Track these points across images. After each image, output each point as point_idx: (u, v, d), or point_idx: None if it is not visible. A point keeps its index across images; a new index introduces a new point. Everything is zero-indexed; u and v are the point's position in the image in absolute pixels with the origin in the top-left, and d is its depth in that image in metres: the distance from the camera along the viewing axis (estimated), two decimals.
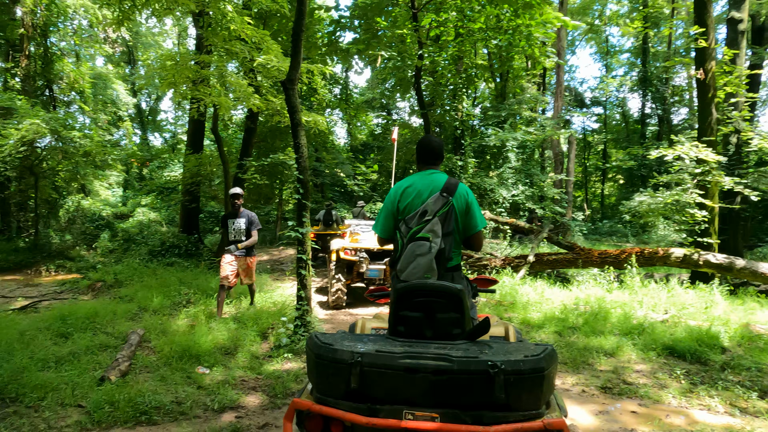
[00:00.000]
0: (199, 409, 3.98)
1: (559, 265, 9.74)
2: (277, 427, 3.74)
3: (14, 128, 11.89)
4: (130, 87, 31.01)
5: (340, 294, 8.27)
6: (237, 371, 4.88)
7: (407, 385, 1.82)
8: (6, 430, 3.36)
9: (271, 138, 15.19)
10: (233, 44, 6.87)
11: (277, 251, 16.63)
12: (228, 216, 6.82)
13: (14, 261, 13.03)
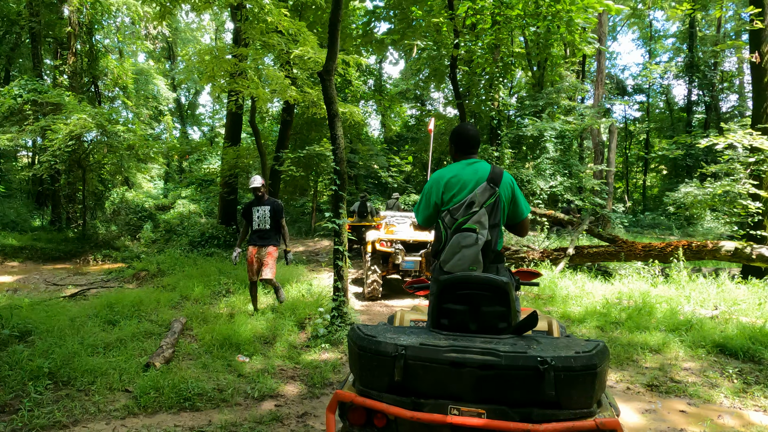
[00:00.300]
0: (239, 396, 4.05)
1: (600, 258, 9.46)
2: (316, 416, 3.76)
3: (63, 123, 12.38)
4: (170, 82, 31.87)
5: (376, 285, 8.28)
6: (275, 360, 4.95)
7: (452, 379, 1.78)
8: (59, 412, 3.50)
9: (306, 130, 15.31)
10: (270, 36, 6.91)
11: (312, 242, 16.81)
12: (252, 204, 6.32)
13: (64, 250, 13.64)
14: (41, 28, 17.46)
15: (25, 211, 18.30)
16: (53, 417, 3.43)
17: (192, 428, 3.43)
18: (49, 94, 13.82)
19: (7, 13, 18.73)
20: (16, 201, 19.87)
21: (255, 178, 6.21)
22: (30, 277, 10.63)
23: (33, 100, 13.67)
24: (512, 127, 18.95)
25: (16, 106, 13.57)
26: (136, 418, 3.57)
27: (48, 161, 13.06)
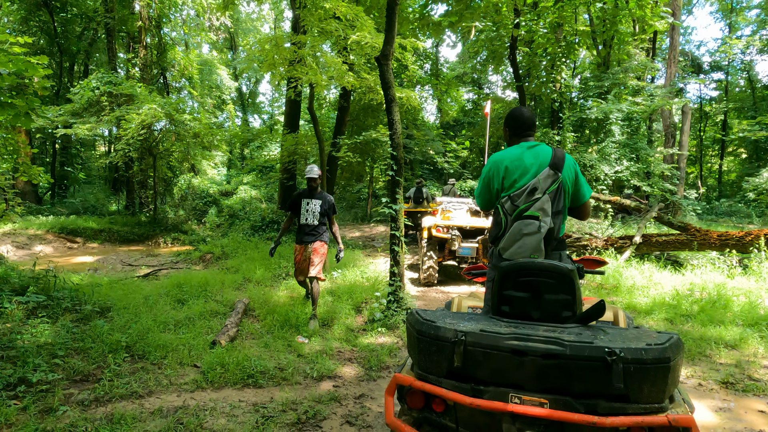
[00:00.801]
0: (299, 375, 4.18)
1: (670, 247, 8.94)
2: (373, 398, 3.82)
3: (135, 113, 13.11)
4: (232, 72, 32.95)
5: (432, 271, 8.25)
6: (333, 342, 5.06)
7: (514, 367, 1.74)
8: (136, 384, 3.76)
9: (363, 116, 15.39)
10: (328, 23, 6.96)
11: (368, 228, 16.98)
12: (302, 195, 5.71)
13: (138, 233, 14.55)
14: (115, 23, 18.49)
15: (103, 197, 19.63)
16: (130, 387, 3.69)
17: (255, 404, 3.58)
18: (123, 86, 14.66)
19: (84, 11, 19.96)
20: (95, 187, 21.37)
21: (312, 168, 5.63)
22: (108, 257, 11.42)
23: (109, 92, 14.56)
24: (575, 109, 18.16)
25: (94, 98, 14.50)
26: (204, 392, 3.77)
27: (122, 149, 13.92)
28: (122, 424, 3.11)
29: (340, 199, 21.73)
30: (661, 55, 23.18)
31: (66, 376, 3.83)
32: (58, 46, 19.17)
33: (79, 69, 22.53)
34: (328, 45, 10.54)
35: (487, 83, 28.26)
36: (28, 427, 2.97)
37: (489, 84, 28.42)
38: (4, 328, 4.38)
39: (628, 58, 19.36)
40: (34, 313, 5.01)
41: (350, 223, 18.57)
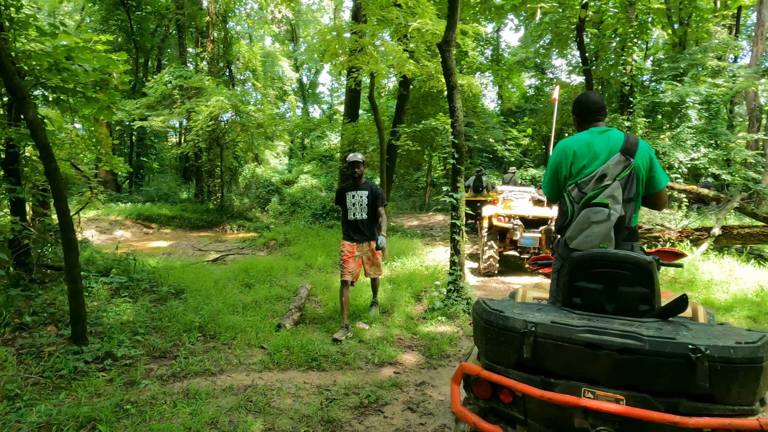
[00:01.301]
0: (361, 361, 4.25)
1: (754, 240, 8.29)
2: (434, 386, 3.83)
3: (204, 105, 13.72)
4: (293, 63, 33.66)
5: (492, 261, 8.12)
6: (394, 330, 5.11)
7: (587, 361, 1.68)
8: (208, 362, 3.97)
9: (422, 104, 15.28)
10: (389, 11, 6.93)
11: (426, 216, 16.92)
12: (346, 189, 5.17)
13: (206, 220, 15.29)
14: (185, 19, 19.35)
15: (175, 185, 20.75)
16: (204, 365, 3.90)
17: (319, 386, 3.69)
18: (193, 80, 15.37)
19: (158, 8, 21.03)
20: (167, 176, 22.61)
21: (355, 154, 5.11)
22: (180, 242, 12.09)
23: (180, 85, 15.31)
24: (647, 93, 17.12)
25: (166, 91, 15.31)
26: (271, 373, 3.92)
27: (192, 140, 14.63)
28: (197, 399, 3.30)
29: (399, 187, 21.76)
30: (746, 33, 21.34)
31: (146, 352, 4.11)
32: (134, 42, 20.34)
33: (153, 64, 23.82)
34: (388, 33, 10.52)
35: (551, 68, 27.20)
36: (115, 397, 3.21)
37: (553, 69, 27.35)
38: (92, 307, 4.75)
39: (708, 36, 17.98)
40: (117, 293, 5.40)
41: (408, 212, 18.58)
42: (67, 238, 3.78)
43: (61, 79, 5.03)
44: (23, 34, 5.03)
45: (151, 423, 2.94)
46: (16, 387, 3.20)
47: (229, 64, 22.34)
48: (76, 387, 3.33)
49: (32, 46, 4.98)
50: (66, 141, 6.41)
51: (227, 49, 21.02)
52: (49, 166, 3.68)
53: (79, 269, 3.84)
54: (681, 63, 16.79)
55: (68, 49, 4.94)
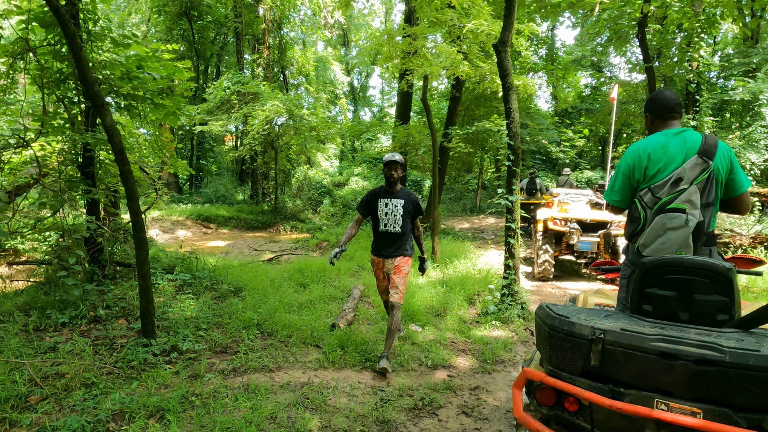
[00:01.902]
0: (414, 363, 4.25)
1: None
2: (488, 391, 3.77)
3: (260, 110, 14.17)
4: (344, 67, 34.15)
5: (548, 266, 7.91)
6: (447, 333, 5.07)
7: (660, 371, 1.61)
8: (266, 358, 4.09)
9: (475, 106, 15.10)
10: (443, 12, 6.91)
11: (477, 219, 16.71)
12: (378, 194, 4.33)
13: (261, 221, 15.76)
14: (243, 27, 20.07)
15: (231, 187, 21.53)
16: (262, 361, 4.02)
17: (373, 386, 3.71)
18: (249, 85, 15.91)
19: (217, 18, 21.92)
20: (225, 178, 23.50)
21: (393, 153, 4.24)
22: (236, 242, 12.52)
23: (237, 90, 15.88)
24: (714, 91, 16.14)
25: (225, 97, 15.92)
26: (326, 371, 3.99)
27: (248, 143, 15.13)
28: (256, 394, 3.40)
29: (449, 189, 21.60)
30: None
31: (209, 347, 4.28)
32: (196, 51, 21.29)
33: (213, 71, 24.84)
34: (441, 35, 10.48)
35: (609, 66, 26.17)
36: (181, 389, 3.36)
37: (611, 67, 26.30)
38: (159, 302, 5.00)
39: None
40: (181, 289, 5.66)
41: (459, 215, 18.41)
42: (138, 237, 4.01)
43: (132, 87, 5.35)
44: (99, 46, 5.38)
45: (215, 415, 3.06)
46: (93, 375, 3.41)
47: (283, 69, 22.97)
48: (146, 378, 3.51)
49: (107, 56, 5.32)
50: (135, 145, 6.80)
51: (282, 54, 21.61)
52: (124, 169, 3.91)
53: (148, 266, 4.05)
54: (753, 58, 15.71)
55: (139, 58, 5.24)
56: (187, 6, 19.87)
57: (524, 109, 17.84)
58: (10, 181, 5.19)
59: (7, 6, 5.11)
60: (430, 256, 8.38)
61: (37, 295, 4.79)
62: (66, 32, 3.52)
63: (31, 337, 3.97)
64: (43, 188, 5.32)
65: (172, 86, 6.12)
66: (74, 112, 5.36)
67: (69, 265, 4.69)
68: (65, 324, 4.33)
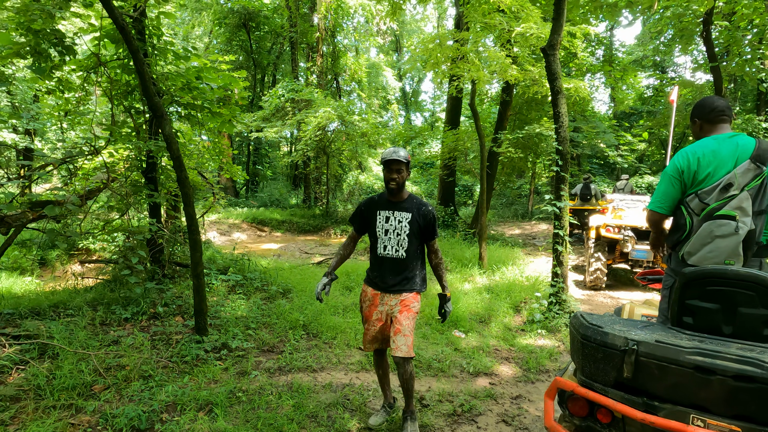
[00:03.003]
0: (455, 369, 4.25)
1: None
2: (531, 401, 3.72)
3: (313, 116, 14.55)
4: (396, 72, 34.39)
5: (599, 274, 7.65)
6: (490, 340, 5.03)
7: (696, 386, 1.56)
8: (311, 359, 4.22)
9: (526, 110, 14.83)
10: (492, 17, 6.87)
11: (529, 225, 16.36)
12: (375, 205, 3.15)
13: (312, 225, 16.13)
14: (297, 36, 20.69)
15: (285, 191, 22.16)
16: (306, 362, 4.15)
17: (415, 390, 3.74)
18: (303, 93, 16.37)
19: (274, 28, 22.72)
20: (279, 183, 24.21)
21: (396, 149, 2.98)
22: (288, 245, 12.88)
23: (292, 98, 16.38)
24: None
25: (280, 104, 16.46)
26: (368, 374, 4.06)
27: (302, 149, 15.55)
28: (300, 393, 3.52)
29: (500, 195, 21.26)
30: None
31: (256, 345, 4.46)
32: (253, 60, 22.15)
33: (269, 79, 25.72)
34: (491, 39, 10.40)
35: (672, 66, 24.94)
36: (229, 384, 3.53)
37: (674, 67, 25.05)
38: (212, 301, 5.26)
39: None
40: (233, 290, 5.92)
41: (510, 220, 18.09)
42: (193, 239, 4.25)
43: (191, 97, 5.67)
44: (162, 59, 5.74)
45: (259, 411, 3.20)
46: (150, 368, 3.65)
47: (336, 76, 23.45)
48: (197, 372, 3.71)
49: (169, 68, 5.67)
50: (194, 152, 7.18)
51: (335, 62, 22.08)
52: (181, 175, 4.17)
53: (202, 267, 4.28)
54: None
55: (198, 69, 5.55)
56: (245, 18, 20.74)
57: (579, 112, 17.33)
58: (83, 186, 5.62)
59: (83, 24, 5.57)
60: (475, 261, 8.30)
61: (104, 292, 5.17)
62: (130, 48, 3.80)
63: (97, 330, 4.29)
64: (111, 192, 5.73)
65: (228, 95, 6.43)
66: (140, 122, 5.74)
67: (132, 265, 5.03)
68: (127, 319, 4.65)
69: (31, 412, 2.94)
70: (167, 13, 5.74)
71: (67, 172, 6.00)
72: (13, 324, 4.15)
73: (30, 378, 3.26)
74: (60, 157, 5.82)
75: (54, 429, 2.79)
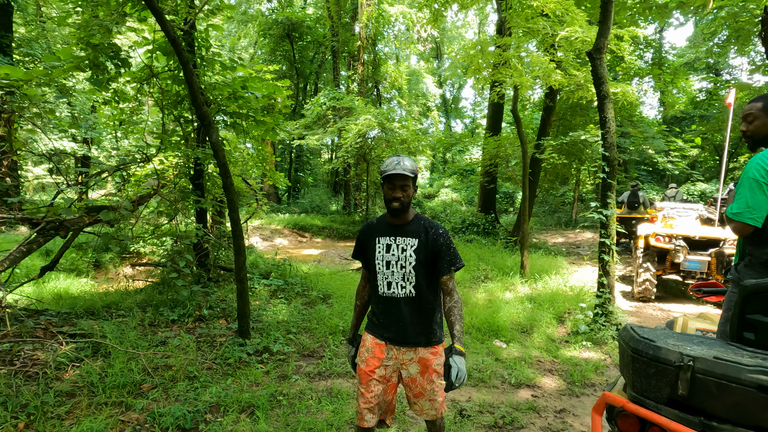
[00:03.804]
0: (497, 380, 4.16)
1: None
2: (575, 415, 3.59)
3: (353, 124, 14.71)
4: (436, 79, 34.37)
5: (648, 285, 7.34)
6: (533, 351, 4.90)
7: (760, 407, 1.46)
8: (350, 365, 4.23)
9: (570, 115, 14.50)
10: (535, 22, 6.76)
11: (573, 234, 15.93)
12: (375, 230, 2.38)
13: (352, 231, 16.26)
14: (339, 45, 21.04)
15: (325, 198, 22.47)
16: (345, 367, 4.16)
17: (453, 400, 3.69)
18: (344, 100, 16.59)
19: (316, 38, 23.19)
20: (320, 189, 24.58)
21: (398, 160, 2.25)
22: (328, 251, 13.02)
23: (333, 106, 16.62)
24: None
25: (321, 112, 16.74)
26: None
27: (342, 156, 15.74)
28: (339, 398, 3.53)
29: (543, 202, 20.81)
30: None
31: (297, 350, 4.52)
32: (296, 69, 22.65)
33: (311, 88, 26.22)
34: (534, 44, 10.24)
35: (727, 68, 23.81)
36: (270, 388, 3.59)
37: (729, 69, 23.92)
38: (255, 305, 5.37)
39: None
40: (275, 294, 6.02)
41: (553, 228, 17.67)
42: (237, 245, 4.35)
43: (237, 106, 5.84)
44: (210, 69, 5.95)
45: (299, 415, 3.23)
46: (195, 369, 3.75)
47: (377, 84, 23.66)
48: (240, 375, 3.79)
49: (216, 78, 5.87)
50: (239, 159, 7.38)
51: (376, 70, 22.30)
52: (226, 182, 4.29)
53: (245, 272, 4.38)
54: None
55: (244, 79, 5.72)
56: (289, 29, 21.26)
57: (627, 117, 16.79)
58: (135, 192, 5.88)
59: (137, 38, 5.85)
60: (517, 269, 8.13)
61: (153, 294, 5.37)
62: (181, 59, 3.95)
63: (146, 331, 4.46)
64: (161, 198, 5.96)
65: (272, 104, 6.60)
66: (188, 130, 5.96)
67: (180, 268, 5.20)
68: (174, 321, 4.80)
69: (85, 408, 3.07)
70: (215, 25, 5.95)
71: (120, 179, 6.29)
72: (69, 323, 4.36)
73: (84, 375, 3.41)
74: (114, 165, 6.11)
75: (105, 425, 2.90)
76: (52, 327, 4.12)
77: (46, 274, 4.90)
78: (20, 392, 3.07)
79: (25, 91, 4.33)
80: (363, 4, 19.57)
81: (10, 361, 3.43)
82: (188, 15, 5.31)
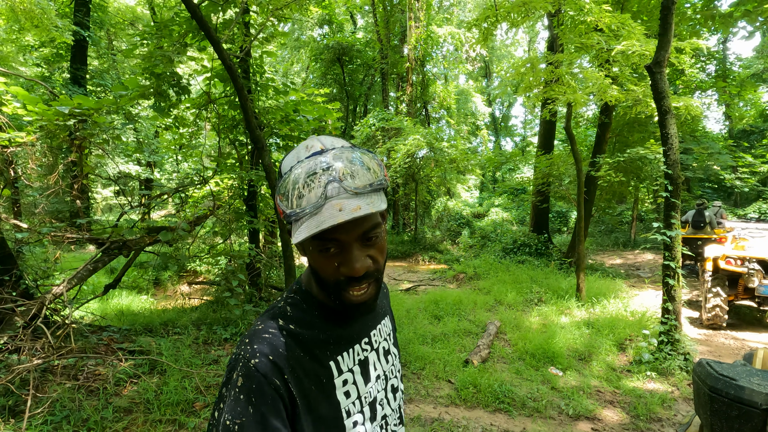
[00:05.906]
0: (553, 410, 3.95)
1: None
2: None
3: (402, 144, 14.78)
4: (486, 98, 34.18)
5: (719, 311, 6.83)
6: (591, 380, 4.64)
7: None
8: None
9: (627, 131, 13.92)
10: (589, 37, 6.57)
11: (632, 255, 15.18)
12: (316, 344, 0.95)
13: (401, 251, 16.20)
14: (388, 67, 21.36)
15: None
16: None
17: (507, 430, 3.53)
18: (393, 121, 16.74)
19: (365, 61, 23.67)
20: None
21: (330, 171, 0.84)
22: None
23: (382, 127, 16.81)
24: None
25: (371, 133, 16.95)
26: (457, 409, 3.90)
27: (391, 176, 15.81)
28: None
29: (599, 221, 20.03)
30: None
31: None
32: (346, 92, 23.15)
33: (360, 109, 26.68)
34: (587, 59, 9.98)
35: None
36: None
37: None
38: None
39: None
40: None
41: (610, 249, 16.91)
42: (288, 264, 4.41)
43: (289, 129, 5.99)
44: (264, 94, 6.15)
45: None
46: None
47: (425, 104, 23.77)
48: None
49: (269, 103, 6.06)
50: None
51: (424, 90, 22.42)
52: None
53: None
54: None
55: (296, 103, 5.87)
56: (339, 53, 21.82)
57: (689, 133, 15.99)
58: (192, 212, 6.11)
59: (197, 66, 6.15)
60: (572, 292, 7.80)
61: (207, 312, 5.51)
62: (236, 85, 4.10)
63: (200, 349, 4.56)
64: (216, 219, 6.17)
65: (323, 126, 6.73)
66: (242, 153, 6.17)
67: (233, 287, 5.33)
68: (227, 339, 4.89)
69: (141, 425, 3.15)
70: (269, 52, 6.17)
71: (179, 200, 6.57)
72: (129, 339, 4.53)
73: (141, 392, 3.52)
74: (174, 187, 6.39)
75: None
76: (113, 343, 4.29)
77: (109, 291, 5.14)
78: (82, 407, 3.19)
79: (95, 119, 4.62)
80: (412, 26, 19.83)
81: (74, 375, 3.59)
82: (244, 43, 5.53)
